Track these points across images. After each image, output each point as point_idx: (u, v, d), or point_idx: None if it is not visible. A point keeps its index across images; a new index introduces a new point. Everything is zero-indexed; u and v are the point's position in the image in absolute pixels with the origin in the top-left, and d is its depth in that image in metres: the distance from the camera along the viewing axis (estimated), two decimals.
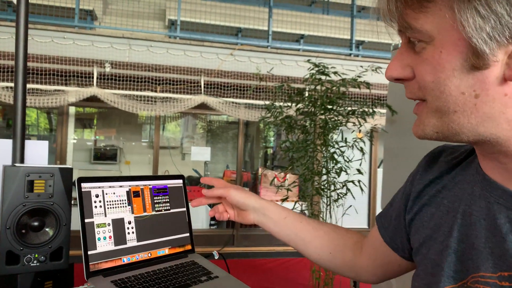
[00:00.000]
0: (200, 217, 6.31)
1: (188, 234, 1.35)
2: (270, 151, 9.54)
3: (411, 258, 0.73)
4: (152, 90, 5.71)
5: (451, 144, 0.70)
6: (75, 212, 1.15)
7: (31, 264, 1.25)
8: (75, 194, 1.17)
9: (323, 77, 3.36)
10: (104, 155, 7.37)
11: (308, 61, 3.39)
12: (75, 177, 1.25)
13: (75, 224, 1.18)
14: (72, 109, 6.40)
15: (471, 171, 0.61)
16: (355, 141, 3.49)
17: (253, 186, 7.71)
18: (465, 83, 0.47)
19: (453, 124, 0.50)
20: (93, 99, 5.59)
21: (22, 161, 1.43)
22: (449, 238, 0.58)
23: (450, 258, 0.57)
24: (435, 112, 0.51)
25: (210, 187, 1.01)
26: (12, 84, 4.98)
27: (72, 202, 1.36)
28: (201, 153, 7.35)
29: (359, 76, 3.35)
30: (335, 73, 3.32)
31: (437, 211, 0.64)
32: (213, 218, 1.00)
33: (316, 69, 3.33)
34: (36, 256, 1.26)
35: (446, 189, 0.64)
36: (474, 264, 0.53)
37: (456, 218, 0.59)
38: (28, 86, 5.08)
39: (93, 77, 5.43)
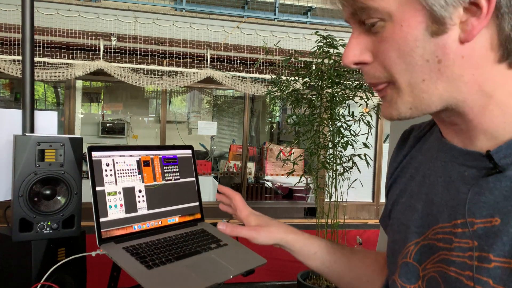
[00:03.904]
0: (207, 190, 6.37)
1: (197, 203, 1.37)
2: (276, 126, 9.53)
3: None
4: (158, 64, 5.69)
5: (419, 124, 0.74)
6: (86, 184, 1.17)
7: (44, 231, 1.28)
8: (85, 166, 1.18)
9: (331, 50, 3.31)
10: (111, 129, 7.42)
11: (316, 33, 3.34)
12: (84, 149, 1.27)
13: (87, 196, 1.20)
14: (79, 83, 6.40)
15: (432, 138, 0.67)
16: (362, 115, 3.48)
17: (259, 161, 7.74)
18: (428, 51, 0.50)
19: (424, 94, 0.52)
20: (99, 73, 5.58)
21: (32, 131, 1.44)
22: (413, 199, 0.65)
23: (414, 217, 0.63)
24: (406, 87, 0.53)
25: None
26: (19, 57, 4.97)
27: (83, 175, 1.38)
28: (207, 128, 7.36)
29: None
30: (343, 45, 3.27)
31: (403, 179, 0.70)
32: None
33: (324, 41, 3.28)
34: (49, 223, 1.29)
35: (413, 159, 0.70)
36: (433, 218, 0.59)
37: (417, 181, 0.65)
38: (35, 59, 5.08)
39: (99, 51, 5.41)
